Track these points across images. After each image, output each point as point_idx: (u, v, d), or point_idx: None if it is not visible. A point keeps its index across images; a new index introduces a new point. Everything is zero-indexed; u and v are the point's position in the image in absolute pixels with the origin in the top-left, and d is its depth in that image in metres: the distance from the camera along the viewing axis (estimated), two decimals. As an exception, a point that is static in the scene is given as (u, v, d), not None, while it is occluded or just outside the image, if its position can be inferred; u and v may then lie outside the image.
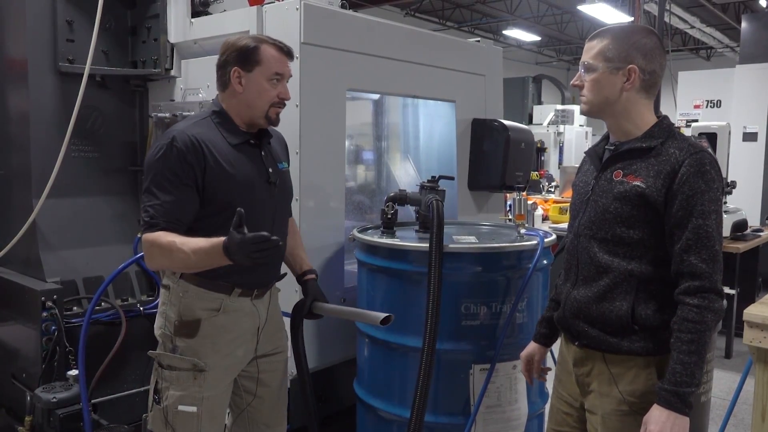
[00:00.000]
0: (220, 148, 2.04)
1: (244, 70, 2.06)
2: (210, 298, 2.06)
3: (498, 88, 3.76)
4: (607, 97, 1.81)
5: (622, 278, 1.78)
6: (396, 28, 3.22)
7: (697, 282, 1.68)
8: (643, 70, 1.78)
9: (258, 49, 2.06)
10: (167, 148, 1.97)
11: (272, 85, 2.08)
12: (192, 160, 1.97)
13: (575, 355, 1.92)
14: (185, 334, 2.06)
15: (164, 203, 1.94)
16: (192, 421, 2.06)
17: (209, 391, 2.07)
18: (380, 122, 3.68)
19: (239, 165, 2.06)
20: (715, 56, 18.96)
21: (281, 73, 2.09)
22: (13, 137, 3.21)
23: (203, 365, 2.05)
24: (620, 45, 1.78)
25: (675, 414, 1.65)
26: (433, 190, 2.69)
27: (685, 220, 1.69)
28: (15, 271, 3.17)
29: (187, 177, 1.96)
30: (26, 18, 3.00)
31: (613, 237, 1.80)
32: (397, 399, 2.54)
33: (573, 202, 2.00)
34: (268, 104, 2.09)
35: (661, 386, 1.69)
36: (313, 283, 2.33)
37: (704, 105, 8.30)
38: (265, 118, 2.10)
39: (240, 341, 2.13)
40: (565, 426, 2.01)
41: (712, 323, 1.68)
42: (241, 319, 2.12)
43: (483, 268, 2.48)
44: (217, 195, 2.01)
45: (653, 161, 1.76)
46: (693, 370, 1.66)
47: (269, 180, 2.14)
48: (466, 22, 16.77)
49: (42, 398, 2.65)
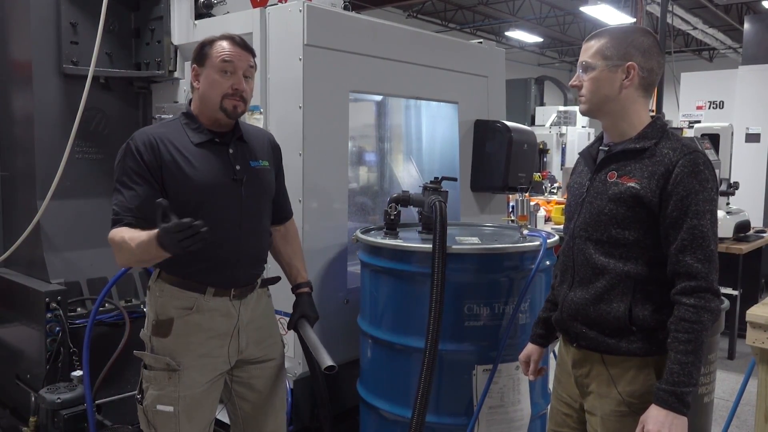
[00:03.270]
0: (181, 147, 2.05)
1: (199, 66, 2.09)
2: (184, 297, 2.06)
3: (501, 89, 3.77)
4: (607, 95, 1.81)
5: (618, 279, 1.78)
6: (399, 29, 3.22)
7: (693, 282, 1.68)
8: (642, 67, 1.78)
9: (211, 44, 2.09)
10: (127, 147, 2.04)
11: (223, 76, 2.05)
12: (148, 158, 2.00)
13: (574, 357, 1.93)
14: (160, 334, 2.07)
15: (125, 199, 1.99)
16: (170, 420, 2.06)
17: (185, 391, 2.06)
18: (383, 124, 3.68)
19: (200, 164, 2.05)
20: (718, 57, 18.94)
21: (229, 60, 2.05)
22: (18, 139, 3.22)
23: (176, 365, 2.04)
24: (618, 43, 1.79)
25: (673, 414, 1.65)
26: (436, 191, 2.69)
27: (680, 221, 1.70)
28: (19, 273, 3.18)
29: (145, 173, 2.00)
30: (30, 20, 3.02)
31: (608, 238, 1.80)
32: (400, 400, 2.54)
33: (568, 204, 2.00)
34: (220, 96, 2.05)
35: (658, 386, 1.69)
36: (304, 298, 2.31)
37: (707, 106, 8.29)
38: (221, 110, 2.07)
39: (216, 342, 2.11)
40: (565, 427, 2.01)
41: (709, 323, 1.68)
42: (216, 319, 2.10)
43: (486, 269, 2.48)
44: (176, 194, 2.01)
45: (647, 162, 1.76)
46: (690, 369, 1.66)
47: (234, 177, 2.10)
48: (468, 23, 16.78)
49: (46, 399, 2.66)
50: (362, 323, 2.71)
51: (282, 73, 2.78)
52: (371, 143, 3.67)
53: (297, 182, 2.69)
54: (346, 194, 2.95)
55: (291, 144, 2.66)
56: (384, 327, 2.59)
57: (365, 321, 2.70)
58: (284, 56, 2.75)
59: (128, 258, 1.98)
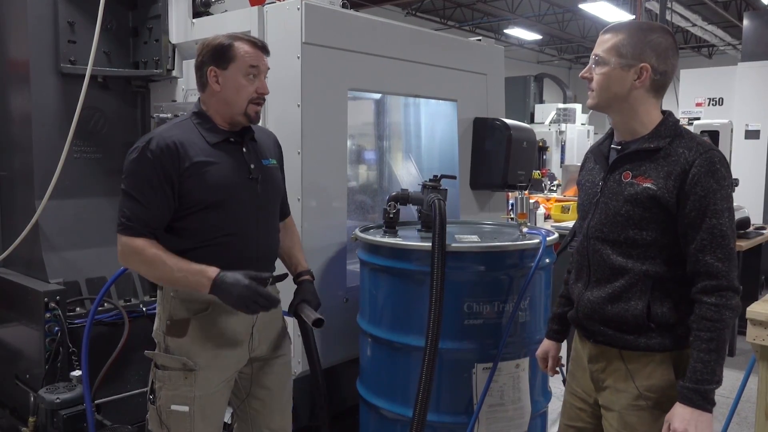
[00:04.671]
0: (198, 148, 2.04)
1: (219, 69, 2.06)
2: (199, 298, 2.06)
3: (500, 87, 3.76)
4: (616, 94, 1.79)
5: (637, 279, 1.78)
6: (397, 27, 3.22)
7: (714, 281, 1.69)
8: (655, 69, 1.75)
9: (232, 45, 2.06)
10: (142, 152, 1.99)
11: (249, 80, 2.07)
12: (167, 164, 1.98)
13: (590, 352, 1.92)
14: (175, 334, 2.07)
15: (140, 208, 1.97)
16: (185, 420, 2.06)
17: (200, 391, 2.07)
18: (382, 122, 3.68)
19: (218, 164, 2.06)
20: (717, 54, 18.94)
21: (256, 65, 2.08)
22: (16, 138, 3.21)
23: (192, 365, 2.05)
24: (635, 42, 1.75)
25: (698, 411, 1.66)
26: (435, 189, 2.68)
27: (698, 221, 1.69)
28: (18, 272, 3.17)
29: (161, 182, 1.98)
30: (28, 19, 3.00)
31: (626, 239, 1.79)
32: (400, 398, 2.53)
33: (581, 202, 1.99)
34: (246, 100, 2.08)
35: (682, 384, 1.69)
36: (306, 284, 2.31)
37: (706, 103, 8.29)
38: (244, 115, 2.09)
39: (231, 341, 2.12)
40: (579, 421, 2.01)
41: (730, 320, 1.69)
42: (231, 319, 2.11)
43: (485, 267, 2.48)
44: (194, 194, 2.02)
45: (662, 162, 1.74)
46: (714, 367, 1.67)
47: (250, 176, 2.13)
48: (467, 21, 16.77)
49: (45, 399, 2.65)
50: (362, 322, 2.71)
51: (280, 71, 2.77)
52: (370, 141, 3.66)
53: (296, 181, 2.68)
54: (345, 193, 2.95)
55: (289, 142, 2.65)
56: (383, 326, 2.59)
57: (365, 320, 2.69)
58: (282, 54, 2.74)
59: (158, 276, 2.04)
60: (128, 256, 2.01)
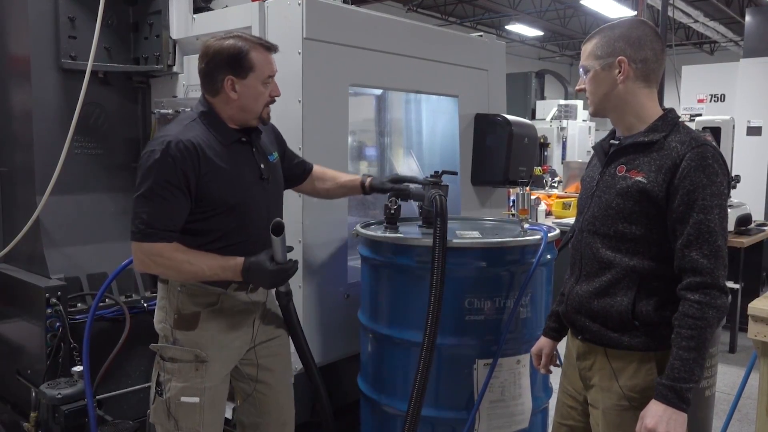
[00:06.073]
0: (213, 151, 2.04)
1: (238, 78, 2.04)
2: (207, 293, 2.11)
3: (501, 83, 3.75)
4: (605, 93, 1.82)
5: (624, 274, 1.78)
6: (399, 23, 3.21)
7: (699, 278, 1.66)
8: (632, 59, 1.77)
9: (248, 54, 2.05)
10: (162, 155, 1.95)
11: (266, 87, 2.12)
12: (188, 167, 1.97)
13: (579, 349, 1.93)
14: (185, 327, 2.10)
15: (162, 211, 1.96)
16: (194, 411, 2.09)
17: (210, 382, 2.11)
18: (383, 118, 3.67)
19: (233, 164, 2.08)
20: (719, 50, 18.89)
21: (273, 74, 2.14)
22: (17, 134, 3.21)
23: (205, 356, 2.09)
24: (606, 40, 1.81)
25: (671, 409, 1.64)
26: (437, 185, 2.68)
27: (686, 215, 1.68)
28: (19, 268, 3.17)
29: (181, 185, 1.97)
30: (28, 15, 3.00)
31: (615, 233, 1.79)
32: (401, 394, 2.53)
33: (580, 197, 2.00)
34: (263, 105, 2.13)
35: (659, 381, 1.68)
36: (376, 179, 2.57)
37: (708, 99, 8.28)
38: (258, 118, 2.14)
39: (238, 333, 2.18)
40: (570, 420, 2.01)
41: (714, 320, 1.66)
42: (239, 312, 2.17)
43: (486, 263, 2.48)
44: (213, 194, 2.03)
45: (655, 155, 1.74)
46: (692, 366, 1.64)
47: (262, 176, 2.16)
48: (468, 17, 16.74)
49: (47, 394, 2.66)
50: (362, 318, 2.71)
51: (281, 67, 2.73)
52: (371, 137, 3.66)
53: (297, 177, 2.67)
54: (347, 189, 2.94)
55: (290, 138, 2.64)
56: (384, 321, 2.59)
57: (365, 315, 2.69)
58: (283, 50, 2.72)
59: (191, 277, 2.07)
60: (151, 262, 2.00)
